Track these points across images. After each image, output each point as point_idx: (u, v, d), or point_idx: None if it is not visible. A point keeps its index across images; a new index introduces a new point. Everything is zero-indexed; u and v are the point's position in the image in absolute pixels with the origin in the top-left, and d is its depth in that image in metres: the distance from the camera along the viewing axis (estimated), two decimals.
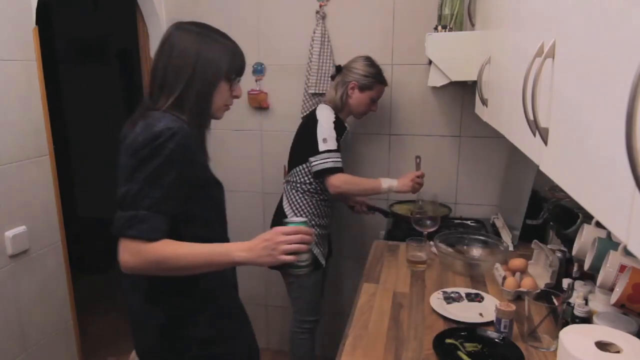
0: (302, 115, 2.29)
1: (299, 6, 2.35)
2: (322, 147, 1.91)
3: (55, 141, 1.91)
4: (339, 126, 1.98)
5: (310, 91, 2.33)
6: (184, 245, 1.08)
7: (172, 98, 1.12)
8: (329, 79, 2.24)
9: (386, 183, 1.97)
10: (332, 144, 1.93)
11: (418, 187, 2.00)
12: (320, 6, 2.32)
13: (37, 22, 1.77)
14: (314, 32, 2.31)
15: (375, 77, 2.00)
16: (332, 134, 1.93)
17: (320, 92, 2.30)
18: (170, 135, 1.05)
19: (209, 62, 1.14)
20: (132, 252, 1.04)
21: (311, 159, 1.94)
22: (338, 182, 1.92)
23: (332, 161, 1.91)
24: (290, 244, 1.09)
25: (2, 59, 1.64)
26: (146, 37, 2.56)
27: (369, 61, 2.02)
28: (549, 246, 1.62)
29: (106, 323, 3.11)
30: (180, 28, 1.17)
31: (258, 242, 1.10)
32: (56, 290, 1.93)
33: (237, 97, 1.24)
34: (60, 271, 1.95)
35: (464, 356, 1.18)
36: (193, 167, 1.11)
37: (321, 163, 1.91)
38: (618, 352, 0.80)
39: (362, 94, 2.00)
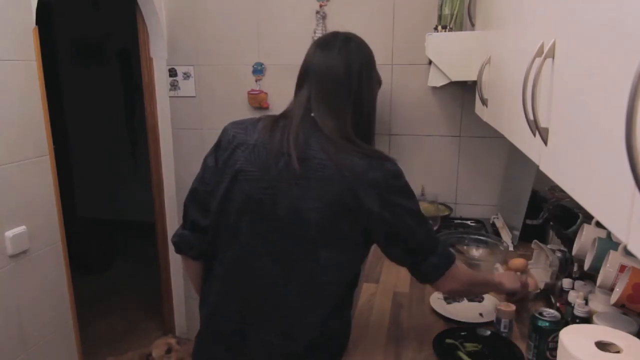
0: None
1: (299, 6, 2.35)
2: None
3: (55, 141, 1.91)
4: None
5: None
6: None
7: None
8: None
9: None
10: None
11: None
12: (320, 6, 2.32)
13: (37, 22, 1.77)
14: (314, 32, 2.31)
15: None
16: None
17: None
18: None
19: None
20: (453, 277, 1.11)
21: None
22: None
23: None
24: None
25: (2, 59, 1.64)
26: (146, 37, 2.55)
27: None
28: (549, 246, 1.62)
29: (106, 323, 3.11)
30: None
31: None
32: (56, 290, 1.93)
33: None
34: (60, 271, 1.94)
35: (464, 356, 1.18)
36: None
37: None
38: (618, 352, 0.80)
39: None
